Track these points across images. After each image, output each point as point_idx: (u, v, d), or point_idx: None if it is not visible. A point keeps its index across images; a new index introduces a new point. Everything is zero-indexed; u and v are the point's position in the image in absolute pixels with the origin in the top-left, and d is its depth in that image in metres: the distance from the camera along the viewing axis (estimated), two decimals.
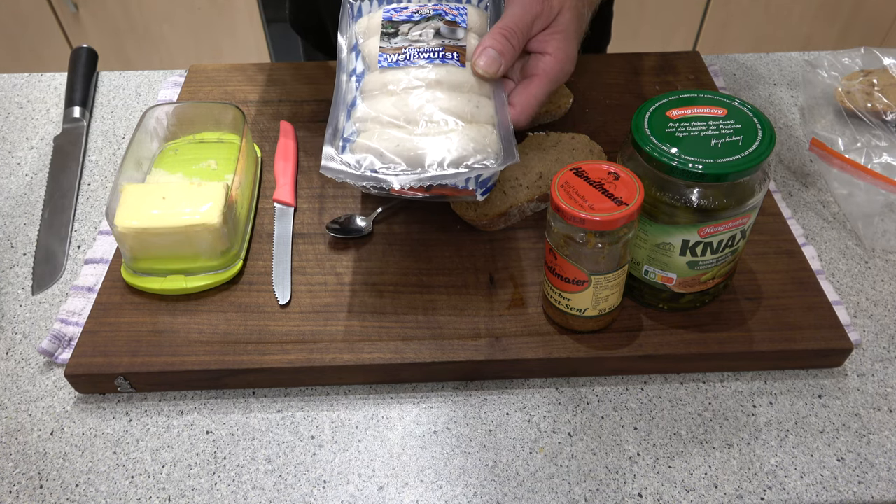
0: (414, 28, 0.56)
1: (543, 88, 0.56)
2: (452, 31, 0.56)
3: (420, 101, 0.52)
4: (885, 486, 0.49)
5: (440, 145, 0.50)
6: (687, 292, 0.54)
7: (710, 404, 0.54)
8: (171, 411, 0.54)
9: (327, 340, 0.55)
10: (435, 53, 0.54)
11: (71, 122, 0.77)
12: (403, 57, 0.54)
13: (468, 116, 0.52)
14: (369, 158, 0.50)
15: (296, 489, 0.50)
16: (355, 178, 0.49)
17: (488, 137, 0.52)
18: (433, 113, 0.52)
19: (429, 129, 0.51)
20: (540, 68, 0.56)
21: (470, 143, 0.50)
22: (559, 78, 0.57)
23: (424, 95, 0.52)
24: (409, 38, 0.55)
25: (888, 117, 0.72)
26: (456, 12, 0.57)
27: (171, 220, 0.55)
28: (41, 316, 0.60)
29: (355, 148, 0.51)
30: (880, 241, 0.63)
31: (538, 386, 0.55)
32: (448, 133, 0.51)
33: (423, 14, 0.57)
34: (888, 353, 0.56)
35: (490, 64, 0.53)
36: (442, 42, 0.55)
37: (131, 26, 1.80)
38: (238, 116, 0.65)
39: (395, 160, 0.50)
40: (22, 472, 0.51)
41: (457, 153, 0.50)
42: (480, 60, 0.54)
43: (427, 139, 0.50)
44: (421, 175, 0.49)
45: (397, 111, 0.52)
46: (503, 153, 0.51)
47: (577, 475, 0.50)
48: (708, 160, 0.46)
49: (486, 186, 0.52)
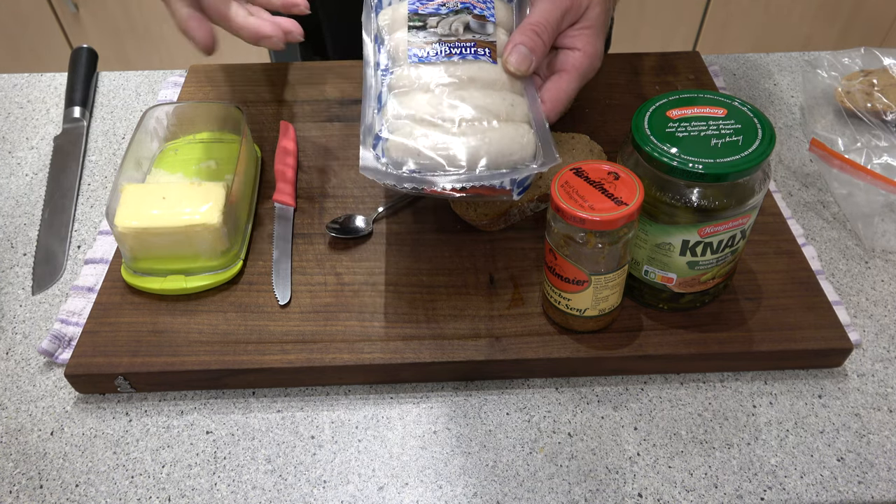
0: (442, 21, 0.54)
1: (574, 84, 0.55)
2: (482, 25, 0.55)
3: (454, 98, 0.51)
4: (885, 486, 0.49)
5: (478, 144, 0.49)
6: (687, 292, 0.54)
7: (710, 404, 0.54)
8: (171, 411, 0.54)
9: (327, 340, 0.55)
10: (466, 49, 0.53)
11: (71, 122, 0.77)
12: (434, 52, 0.53)
13: (503, 115, 0.52)
14: (407, 159, 0.49)
15: (296, 489, 0.50)
16: (397, 180, 0.48)
17: (526, 137, 0.51)
18: (469, 111, 0.51)
19: (465, 129, 0.50)
20: (570, 63, 0.55)
21: (508, 143, 0.50)
22: (588, 73, 0.56)
23: (458, 93, 0.51)
24: (438, 33, 0.54)
25: (888, 117, 0.72)
26: (484, 6, 0.56)
27: (171, 220, 0.55)
28: (41, 316, 0.60)
29: (390, 147, 0.50)
30: (880, 241, 0.63)
31: (538, 386, 0.55)
32: (485, 132, 0.50)
33: (450, 7, 0.55)
34: (888, 353, 0.56)
35: (522, 61, 0.53)
36: (473, 37, 0.54)
37: (131, 26, 1.80)
38: (238, 116, 0.65)
39: (434, 158, 0.49)
40: (22, 472, 0.51)
41: (496, 152, 0.49)
42: (512, 57, 0.53)
43: (465, 138, 0.50)
44: (464, 175, 0.48)
45: (432, 108, 0.51)
46: (542, 153, 0.51)
47: (577, 475, 0.50)
48: (708, 160, 0.46)
49: (524, 186, 0.51)
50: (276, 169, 0.68)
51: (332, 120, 0.74)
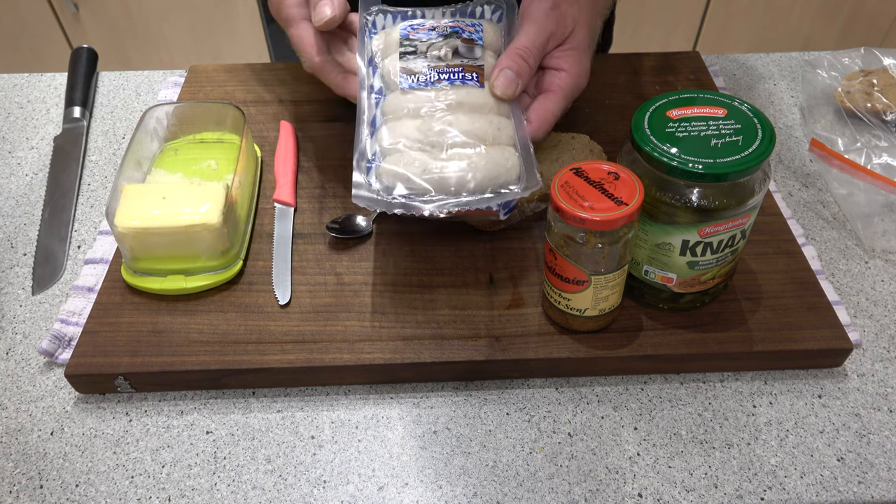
0: (432, 46, 0.57)
1: (559, 104, 0.57)
2: (470, 49, 0.57)
3: (442, 124, 0.53)
4: (885, 486, 0.49)
5: (465, 169, 0.52)
6: (687, 292, 0.54)
7: (710, 404, 0.54)
8: (171, 411, 0.54)
9: (327, 340, 0.55)
10: (455, 74, 0.55)
11: (71, 122, 0.77)
12: (425, 79, 0.55)
13: (490, 139, 0.54)
14: (397, 184, 0.52)
15: (296, 489, 0.50)
16: (387, 206, 0.51)
17: (510, 161, 0.53)
18: (456, 136, 0.53)
19: (452, 154, 0.52)
20: (556, 84, 0.57)
21: (493, 168, 0.52)
22: (574, 93, 0.58)
23: (446, 118, 0.54)
24: (428, 57, 0.56)
25: (888, 117, 0.72)
26: (472, 29, 0.59)
27: (171, 220, 0.56)
28: (41, 316, 0.60)
29: (381, 173, 0.53)
30: (880, 241, 0.63)
31: (538, 386, 0.55)
32: (472, 157, 0.52)
33: (440, 31, 0.58)
34: (888, 353, 0.56)
35: (508, 85, 0.55)
36: (461, 62, 0.56)
37: (131, 26, 1.80)
38: (238, 116, 0.65)
39: (422, 185, 0.51)
40: (22, 472, 0.51)
41: (482, 177, 0.52)
42: (498, 81, 0.55)
43: (452, 163, 0.52)
44: (449, 202, 0.51)
45: (421, 135, 0.53)
46: (525, 176, 0.53)
47: (577, 475, 0.50)
48: (708, 160, 0.46)
49: (509, 207, 0.54)
50: (276, 169, 0.68)
51: (332, 120, 0.74)
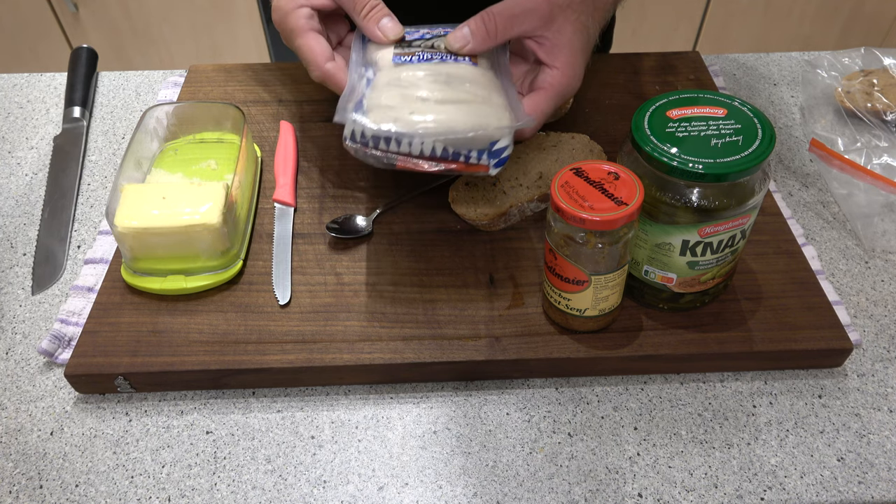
0: (425, 43, 0.57)
1: (550, 102, 0.57)
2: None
3: (430, 91, 0.52)
4: (885, 486, 0.49)
5: (455, 112, 0.51)
6: (687, 292, 0.54)
7: (710, 404, 0.54)
8: (171, 411, 0.54)
9: (327, 340, 0.55)
10: (448, 56, 0.55)
11: (71, 122, 0.77)
12: (418, 57, 0.55)
13: (480, 99, 0.53)
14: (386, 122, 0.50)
15: (296, 489, 0.50)
16: (374, 135, 0.49)
17: (502, 113, 0.52)
18: (449, 92, 0.52)
19: (444, 99, 0.52)
20: (547, 82, 0.57)
21: (485, 116, 0.51)
22: (565, 92, 0.58)
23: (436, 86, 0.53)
24: (423, 48, 0.56)
25: (888, 117, 0.72)
26: None
27: (171, 220, 0.55)
28: (41, 316, 0.60)
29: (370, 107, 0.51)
30: (880, 241, 0.63)
31: (538, 386, 0.55)
32: (460, 103, 0.52)
33: (434, 34, 0.58)
34: (888, 353, 0.56)
35: (457, 39, 0.55)
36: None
37: (131, 26, 1.80)
38: (238, 116, 0.65)
39: (410, 120, 0.50)
40: (22, 472, 0.51)
41: (474, 123, 0.50)
42: (452, 35, 0.55)
43: (443, 106, 0.51)
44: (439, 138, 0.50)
45: (414, 88, 0.52)
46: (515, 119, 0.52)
47: (577, 475, 0.50)
48: (708, 160, 0.46)
49: (500, 158, 0.52)
50: (275, 169, 0.68)
51: (331, 120, 0.74)
